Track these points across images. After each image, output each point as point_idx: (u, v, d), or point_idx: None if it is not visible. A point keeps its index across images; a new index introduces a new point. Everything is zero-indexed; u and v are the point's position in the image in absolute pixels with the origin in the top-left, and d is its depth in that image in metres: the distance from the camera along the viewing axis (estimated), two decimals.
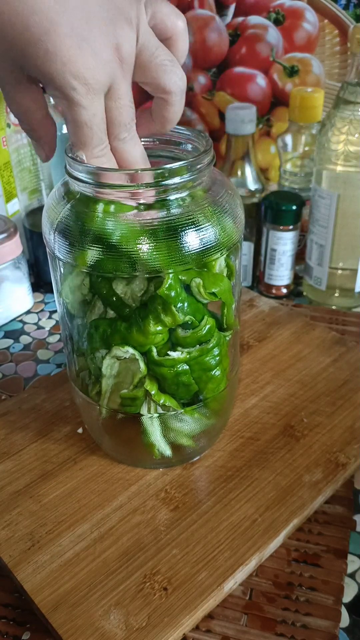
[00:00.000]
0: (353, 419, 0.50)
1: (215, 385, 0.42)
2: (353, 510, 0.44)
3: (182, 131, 0.40)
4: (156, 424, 0.42)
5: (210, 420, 0.44)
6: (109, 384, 0.41)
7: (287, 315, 0.63)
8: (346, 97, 0.58)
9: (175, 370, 0.39)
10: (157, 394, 0.40)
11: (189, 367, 0.40)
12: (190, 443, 0.44)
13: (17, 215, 0.74)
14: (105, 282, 0.38)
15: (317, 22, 0.74)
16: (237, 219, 0.39)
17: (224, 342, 0.41)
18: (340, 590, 0.39)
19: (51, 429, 0.50)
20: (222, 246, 0.37)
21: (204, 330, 0.39)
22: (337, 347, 0.58)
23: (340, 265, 0.65)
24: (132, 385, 0.40)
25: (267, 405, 0.51)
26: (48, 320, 0.68)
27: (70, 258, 0.37)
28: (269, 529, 0.41)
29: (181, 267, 0.36)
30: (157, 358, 0.39)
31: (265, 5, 0.74)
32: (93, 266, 0.36)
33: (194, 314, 0.38)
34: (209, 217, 0.37)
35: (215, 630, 0.37)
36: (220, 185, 0.39)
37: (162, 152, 0.41)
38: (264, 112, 0.80)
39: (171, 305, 0.37)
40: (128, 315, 0.38)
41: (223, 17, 0.76)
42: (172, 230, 0.35)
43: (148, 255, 0.35)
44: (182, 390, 0.41)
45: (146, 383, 0.40)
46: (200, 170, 0.36)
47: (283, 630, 0.37)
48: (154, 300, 0.37)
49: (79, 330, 0.42)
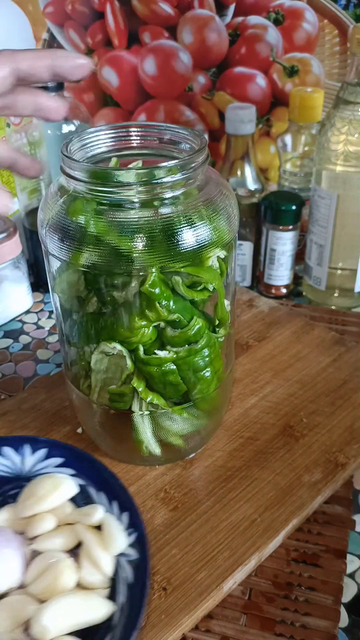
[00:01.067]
0: (352, 419, 0.50)
1: (205, 386, 0.42)
2: (352, 510, 0.44)
3: (178, 130, 0.40)
4: (147, 422, 0.42)
5: (200, 421, 0.44)
6: (98, 379, 0.41)
7: (286, 315, 0.63)
8: (346, 97, 0.58)
9: (162, 370, 0.39)
10: (145, 392, 0.40)
11: (177, 366, 0.40)
12: (180, 442, 0.44)
13: (16, 215, 0.74)
14: (100, 279, 0.38)
15: (316, 22, 0.74)
16: (231, 218, 0.39)
17: (215, 344, 0.41)
18: (340, 590, 0.39)
19: (51, 429, 0.50)
20: (214, 245, 0.37)
21: (193, 330, 0.39)
22: (336, 347, 0.58)
23: (339, 265, 0.65)
24: (120, 381, 0.40)
25: (266, 405, 0.51)
26: (47, 320, 0.68)
27: (64, 256, 0.37)
28: (268, 528, 0.41)
29: (168, 264, 0.36)
30: (143, 356, 0.39)
31: (265, 5, 0.74)
32: (87, 265, 0.36)
33: (182, 312, 0.38)
34: (201, 215, 0.37)
35: (215, 630, 0.37)
36: (215, 184, 0.39)
37: (159, 151, 0.41)
38: (264, 112, 0.80)
39: (155, 302, 0.37)
40: (114, 312, 0.39)
41: (223, 17, 0.76)
42: (161, 228, 0.36)
43: (135, 253, 0.35)
44: (170, 390, 0.41)
45: (134, 380, 0.40)
46: (194, 169, 0.36)
47: (282, 630, 0.37)
48: (139, 296, 0.37)
49: (70, 324, 0.42)
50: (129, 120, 0.85)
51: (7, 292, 0.67)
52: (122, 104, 0.85)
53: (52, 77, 0.36)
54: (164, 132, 0.41)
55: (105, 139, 0.41)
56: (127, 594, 0.32)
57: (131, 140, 0.41)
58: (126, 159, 0.41)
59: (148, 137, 0.41)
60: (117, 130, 0.41)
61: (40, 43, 0.83)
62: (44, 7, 0.80)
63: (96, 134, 0.40)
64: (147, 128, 0.41)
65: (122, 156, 0.41)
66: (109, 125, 0.41)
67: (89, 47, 0.82)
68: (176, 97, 0.82)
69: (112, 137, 0.41)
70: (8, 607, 0.32)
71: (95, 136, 0.40)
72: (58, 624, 0.31)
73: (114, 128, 0.41)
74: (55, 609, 0.31)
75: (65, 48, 0.82)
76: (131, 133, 0.41)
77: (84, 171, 0.35)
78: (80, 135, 0.40)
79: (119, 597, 0.33)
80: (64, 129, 0.67)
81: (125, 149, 0.41)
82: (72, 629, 0.32)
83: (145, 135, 0.41)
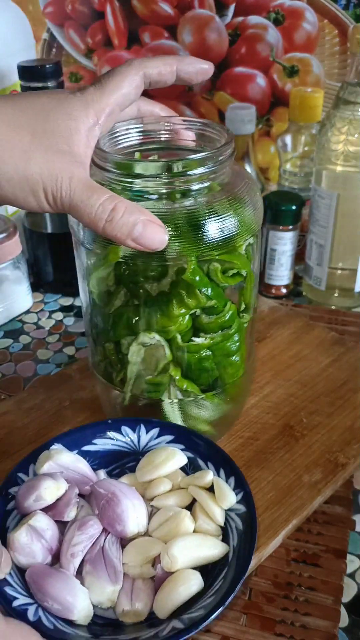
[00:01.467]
0: (352, 419, 0.50)
1: (234, 371, 0.43)
2: (352, 510, 0.44)
3: (202, 124, 0.42)
4: (176, 410, 0.44)
5: (228, 406, 0.46)
6: (133, 370, 0.42)
7: (286, 315, 0.63)
8: (346, 97, 0.58)
9: (199, 356, 0.41)
10: (180, 380, 0.42)
11: (212, 352, 0.41)
12: (209, 429, 0.45)
13: (16, 215, 0.74)
14: (135, 272, 0.39)
15: (316, 22, 0.74)
16: (257, 207, 0.41)
17: (242, 329, 0.43)
18: (340, 590, 0.39)
19: (51, 429, 0.50)
20: (243, 234, 0.39)
21: (227, 315, 0.41)
22: (336, 347, 0.58)
23: (339, 265, 0.65)
24: (157, 371, 0.42)
25: (266, 405, 0.51)
26: (47, 320, 0.68)
27: (101, 250, 0.39)
28: (268, 528, 0.41)
29: (204, 253, 0.38)
30: (182, 344, 0.40)
31: (265, 5, 0.74)
32: (124, 257, 0.38)
33: (217, 299, 0.40)
34: (230, 206, 0.38)
35: (215, 630, 0.37)
36: (240, 176, 0.41)
37: (182, 146, 0.43)
38: (264, 112, 0.80)
39: (195, 289, 0.38)
40: (152, 303, 0.40)
41: (223, 16, 0.76)
42: (194, 218, 0.37)
43: (172, 244, 0.37)
44: (204, 376, 0.42)
45: (171, 369, 0.41)
46: (221, 162, 0.38)
47: (282, 630, 0.37)
48: (177, 285, 0.39)
49: (103, 319, 0.43)
50: None
51: (7, 292, 0.67)
52: None
53: (176, 82, 0.38)
54: (192, 126, 0.42)
55: (134, 133, 0.42)
56: (238, 539, 0.37)
57: (159, 134, 0.43)
58: (148, 153, 0.43)
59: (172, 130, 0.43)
60: (145, 124, 0.42)
61: (40, 43, 0.83)
62: (44, 7, 0.80)
63: (125, 128, 0.42)
64: (176, 121, 0.43)
65: (148, 150, 0.43)
66: (138, 119, 0.42)
67: (89, 47, 0.82)
68: (176, 96, 0.82)
69: (141, 131, 0.42)
70: (138, 546, 0.37)
71: (124, 130, 0.42)
72: (184, 556, 0.36)
73: (143, 122, 0.42)
74: (181, 543, 0.36)
75: (65, 48, 0.82)
76: (159, 127, 0.43)
77: (115, 163, 0.37)
78: (111, 129, 0.41)
79: (232, 541, 0.38)
80: None
81: (152, 142, 0.43)
82: (195, 563, 0.36)
83: (173, 128, 0.43)
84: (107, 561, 0.36)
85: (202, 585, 0.35)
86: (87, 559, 0.36)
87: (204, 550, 0.37)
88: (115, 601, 0.36)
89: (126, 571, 0.37)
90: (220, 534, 0.39)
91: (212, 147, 0.39)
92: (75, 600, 0.34)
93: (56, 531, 0.37)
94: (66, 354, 0.63)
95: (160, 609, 0.35)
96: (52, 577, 0.35)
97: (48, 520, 0.37)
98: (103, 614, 0.36)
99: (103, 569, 0.36)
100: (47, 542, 0.36)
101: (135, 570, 0.37)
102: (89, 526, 0.37)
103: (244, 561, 0.36)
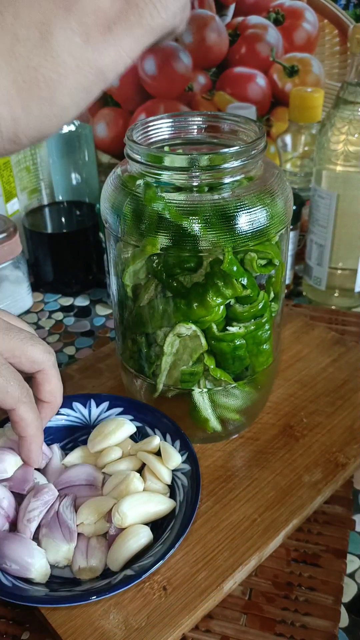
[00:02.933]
0: (352, 419, 0.50)
1: (264, 359, 0.45)
2: (352, 510, 0.44)
3: (234, 118, 0.43)
4: (206, 399, 0.44)
5: (257, 394, 0.47)
6: (168, 361, 0.43)
7: (286, 315, 0.63)
8: (346, 97, 0.58)
9: (233, 345, 0.42)
10: (214, 369, 0.43)
11: (245, 341, 0.42)
12: (237, 417, 0.46)
13: (16, 215, 0.74)
14: (169, 264, 0.40)
15: (316, 22, 0.74)
16: (288, 199, 0.42)
17: (271, 317, 0.44)
18: (340, 590, 0.39)
19: None
20: (276, 225, 0.40)
21: (261, 304, 0.42)
22: (336, 347, 0.58)
23: (339, 265, 0.65)
24: (192, 361, 0.43)
25: (266, 405, 0.51)
26: (48, 320, 0.68)
27: (139, 243, 0.40)
28: (268, 528, 0.41)
29: (240, 244, 0.39)
30: (218, 333, 0.41)
31: (265, 5, 0.74)
32: (162, 249, 0.39)
33: (251, 288, 0.41)
34: (263, 198, 0.40)
35: (215, 630, 0.37)
36: (271, 169, 0.42)
37: (213, 140, 0.44)
38: (264, 112, 0.80)
39: (232, 279, 0.40)
40: (187, 294, 0.41)
41: (223, 16, 0.76)
42: (229, 210, 0.39)
43: (209, 235, 0.38)
44: (237, 364, 0.43)
45: (206, 358, 0.42)
46: (254, 156, 0.39)
47: (282, 630, 0.37)
48: (212, 276, 0.40)
49: (137, 312, 0.44)
50: (129, 120, 0.85)
51: (7, 292, 0.67)
52: (122, 103, 0.85)
53: None
54: (224, 121, 0.44)
55: (166, 127, 0.44)
56: (184, 495, 0.41)
57: (191, 129, 0.44)
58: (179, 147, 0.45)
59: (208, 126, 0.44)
60: (176, 119, 0.44)
61: None
62: None
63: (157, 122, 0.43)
64: (208, 117, 0.44)
65: (181, 144, 0.44)
66: (169, 114, 0.44)
67: None
68: (176, 97, 0.82)
69: (172, 126, 0.44)
70: (92, 504, 0.40)
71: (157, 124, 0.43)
72: (133, 513, 0.38)
73: (173, 116, 0.44)
74: (130, 501, 0.39)
75: None
76: (190, 122, 0.44)
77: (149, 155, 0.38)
78: (142, 122, 0.42)
79: (178, 497, 0.41)
80: (64, 128, 0.67)
81: (185, 136, 0.44)
82: (144, 519, 0.39)
83: (205, 123, 0.44)
84: (61, 523, 0.39)
85: (152, 538, 0.38)
86: (43, 524, 0.39)
87: (152, 507, 0.40)
88: (71, 559, 0.38)
89: (81, 531, 0.39)
90: (168, 492, 0.42)
91: (244, 142, 0.40)
92: (33, 560, 0.37)
93: (12, 500, 0.40)
94: (66, 354, 0.63)
95: (113, 562, 0.38)
96: (9, 540, 0.37)
97: (4, 490, 0.40)
98: (61, 574, 0.39)
99: (58, 530, 0.38)
100: (4, 510, 0.39)
101: (90, 529, 0.39)
102: (44, 493, 0.39)
103: (189, 513, 0.39)
